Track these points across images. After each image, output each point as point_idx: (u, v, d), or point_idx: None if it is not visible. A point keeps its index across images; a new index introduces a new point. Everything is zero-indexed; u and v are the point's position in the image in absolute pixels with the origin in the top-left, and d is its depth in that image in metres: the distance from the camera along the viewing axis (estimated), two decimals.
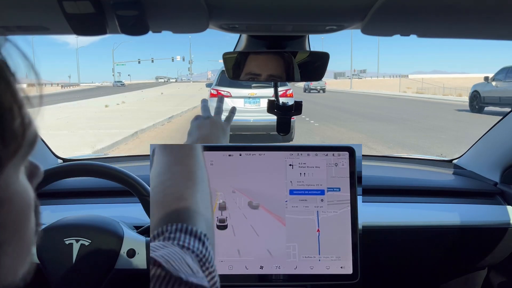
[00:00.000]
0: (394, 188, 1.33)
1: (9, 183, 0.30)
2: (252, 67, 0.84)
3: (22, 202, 0.32)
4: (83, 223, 0.95)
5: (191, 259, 0.44)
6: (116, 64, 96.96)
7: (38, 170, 0.36)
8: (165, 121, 12.08)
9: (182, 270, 0.41)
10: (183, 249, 0.45)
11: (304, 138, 8.47)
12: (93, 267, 0.92)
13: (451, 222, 1.21)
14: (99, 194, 1.26)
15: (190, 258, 0.44)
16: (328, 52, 0.83)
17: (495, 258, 1.27)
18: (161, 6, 0.59)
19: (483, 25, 0.69)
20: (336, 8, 0.65)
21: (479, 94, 13.92)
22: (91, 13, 0.56)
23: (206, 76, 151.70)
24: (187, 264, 0.43)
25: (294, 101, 0.92)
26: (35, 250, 0.92)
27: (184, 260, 0.43)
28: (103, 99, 24.17)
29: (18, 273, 0.33)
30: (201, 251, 0.46)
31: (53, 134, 8.79)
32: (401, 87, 42.48)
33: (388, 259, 1.26)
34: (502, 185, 1.31)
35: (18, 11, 0.61)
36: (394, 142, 8.24)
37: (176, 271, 0.40)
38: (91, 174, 1.02)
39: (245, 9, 0.65)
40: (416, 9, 0.61)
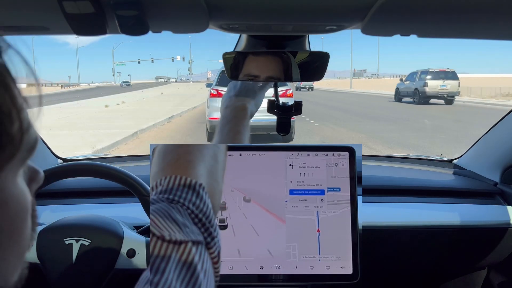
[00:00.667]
0: (394, 188, 1.33)
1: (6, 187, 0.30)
2: (251, 68, 0.84)
3: (18, 206, 0.31)
4: (83, 223, 0.95)
5: (180, 214, 0.40)
6: (116, 64, 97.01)
7: (38, 175, 0.36)
8: (165, 121, 12.08)
9: (166, 228, 0.38)
10: (172, 203, 0.41)
11: (304, 138, 8.47)
12: (93, 267, 0.92)
13: (451, 222, 1.21)
14: (99, 194, 1.26)
15: (178, 212, 0.40)
16: (328, 52, 0.83)
17: (495, 258, 1.27)
18: (161, 6, 0.59)
19: (483, 25, 0.69)
20: (336, 8, 0.65)
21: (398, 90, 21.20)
22: (91, 13, 0.56)
23: (206, 76, 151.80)
24: (173, 219, 0.39)
25: (294, 101, 0.92)
26: (35, 250, 0.92)
27: (170, 216, 0.39)
28: (103, 99, 24.17)
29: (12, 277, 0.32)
30: (194, 203, 0.42)
31: (53, 134, 8.79)
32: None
33: (388, 259, 1.26)
34: (502, 185, 1.31)
35: (18, 11, 0.61)
36: (394, 142, 8.24)
37: (160, 230, 0.37)
38: (91, 174, 1.02)
39: (245, 9, 0.65)
40: (416, 9, 0.61)
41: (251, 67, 0.84)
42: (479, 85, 30.04)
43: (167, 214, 0.39)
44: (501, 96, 25.02)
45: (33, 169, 0.35)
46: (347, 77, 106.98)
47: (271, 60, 0.83)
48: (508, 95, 25.51)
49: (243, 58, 0.84)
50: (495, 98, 23.27)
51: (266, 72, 0.83)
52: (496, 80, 47.70)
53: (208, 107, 7.57)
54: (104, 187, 1.23)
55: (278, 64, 0.83)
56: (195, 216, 0.41)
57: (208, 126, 7.69)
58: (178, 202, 0.41)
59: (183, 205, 0.41)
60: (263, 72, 0.84)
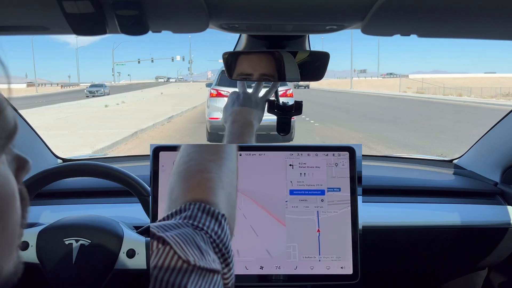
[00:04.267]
0: (394, 188, 1.32)
1: None
2: (244, 66, 0.84)
3: (2, 192, 0.31)
4: (83, 223, 0.95)
5: (203, 241, 0.42)
6: (116, 64, 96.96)
7: (27, 164, 0.36)
8: (165, 121, 12.08)
9: (191, 253, 0.39)
10: (196, 229, 0.43)
11: (304, 138, 8.47)
12: (93, 267, 0.91)
13: (451, 222, 1.21)
14: (99, 194, 1.26)
15: (201, 239, 0.42)
16: (328, 52, 0.83)
17: (496, 258, 1.27)
18: (161, 6, 0.59)
19: (483, 24, 0.69)
20: (336, 8, 0.65)
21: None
22: (91, 12, 0.56)
23: (206, 76, 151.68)
24: (197, 246, 0.40)
25: (295, 101, 0.92)
26: (35, 250, 0.92)
27: (194, 242, 0.41)
28: (103, 99, 24.16)
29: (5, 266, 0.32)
30: (216, 232, 0.43)
31: (53, 134, 8.79)
32: (401, 87, 42.50)
33: (388, 259, 1.26)
34: (502, 185, 1.31)
35: (18, 11, 0.61)
36: (394, 142, 8.24)
37: (185, 254, 0.39)
38: (91, 174, 1.02)
39: (245, 9, 0.65)
40: (417, 9, 0.61)
41: (244, 66, 0.84)
42: (479, 85, 30.02)
43: (192, 239, 0.41)
44: (501, 96, 25.03)
45: (21, 158, 0.36)
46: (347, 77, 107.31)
47: (263, 58, 0.83)
48: (508, 95, 25.52)
49: (235, 57, 0.84)
50: (495, 98, 23.28)
51: (258, 70, 0.84)
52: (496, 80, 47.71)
53: (208, 107, 7.57)
54: (104, 187, 1.23)
55: (270, 62, 0.83)
56: (216, 246, 0.43)
57: (208, 126, 7.69)
58: (202, 229, 0.43)
59: (206, 233, 0.43)
60: (255, 70, 0.84)
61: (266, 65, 0.83)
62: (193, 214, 0.44)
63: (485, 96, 25.54)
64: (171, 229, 0.41)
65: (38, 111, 16.45)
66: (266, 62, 0.83)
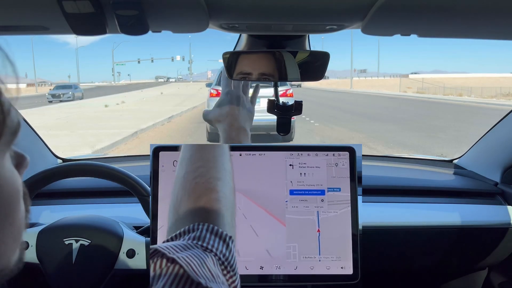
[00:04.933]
0: (394, 188, 1.32)
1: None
2: (243, 66, 0.84)
3: (10, 187, 0.32)
4: (83, 223, 0.95)
5: (213, 263, 0.42)
6: (116, 64, 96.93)
7: (25, 160, 0.37)
8: (165, 121, 12.08)
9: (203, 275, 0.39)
10: (206, 251, 0.43)
11: (304, 138, 8.48)
12: (93, 267, 0.91)
13: (452, 222, 1.21)
14: (99, 194, 1.26)
15: (211, 261, 0.43)
16: (328, 51, 0.83)
17: (496, 258, 1.27)
18: (161, 5, 0.59)
19: (483, 24, 0.69)
20: (336, 8, 0.65)
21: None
22: (91, 12, 0.56)
23: (206, 76, 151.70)
24: (208, 268, 0.41)
25: (294, 101, 0.92)
26: (35, 250, 0.92)
27: (205, 264, 0.41)
28: (103, 99, 24.17)
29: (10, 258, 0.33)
30: (224, 254, 0.44)
31: (53, 134, 8.80)
32: (401, 87, 42.51)
33: (389, 259, 1.25)
34: (502, 185, 1.31)
35: (18, 11, 0.61)
36: (394, 142, 8.24)
37: (197, 276, 0.39)
38: (91, 174, 1.02)
39: (245, 9, 0.65)
40: (417, 9, 0.61)
41: (244, 66, 0.84)
42: (479, 85, 30.03)
43: (203, 261, 0.41)
44: (502, 96, 25.04)
45: (19, 154, 0.36)
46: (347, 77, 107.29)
47: (262, 58, 0.83)
48: (508, 95, 25.52)
49: (236, 57, 0.84)
50: (495, 98, 23.28)
51: (258, 69, 0.84)
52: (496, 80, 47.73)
53: (208, 107, 7.57)
54: (104, 187, 1.23)
55: (270, 61, 0.83)
56: (224, 268, 0.44)
57: (208, 126, 7.69)
58: (211, 251, 0.44)
59: (215, 255, 0.44)
60: (255, 69, 0.84)
61: (266, 64, 0.83)
62: (201, 235, 0.45)
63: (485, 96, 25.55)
64: (181, 250, 0.42)
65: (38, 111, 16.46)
66: (266, 62, 0.83)
